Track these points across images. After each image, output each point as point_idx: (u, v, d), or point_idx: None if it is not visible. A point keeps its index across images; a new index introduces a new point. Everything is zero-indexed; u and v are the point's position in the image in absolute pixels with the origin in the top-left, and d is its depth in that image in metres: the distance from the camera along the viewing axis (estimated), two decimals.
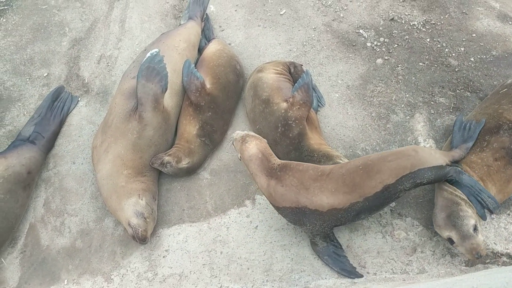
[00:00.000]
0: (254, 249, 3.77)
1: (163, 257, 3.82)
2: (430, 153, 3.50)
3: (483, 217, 3.43)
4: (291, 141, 3.90)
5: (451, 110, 4.34)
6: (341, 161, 3.68)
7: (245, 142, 3.56)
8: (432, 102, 4.41)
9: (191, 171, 4.14)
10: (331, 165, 3.51)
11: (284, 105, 3.99)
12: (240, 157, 3.57)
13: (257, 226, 3.88)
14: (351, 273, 3.54)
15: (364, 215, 3.48)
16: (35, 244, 3.97)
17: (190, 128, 4.15)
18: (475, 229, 3.29)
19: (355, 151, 4.19)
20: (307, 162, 3.77)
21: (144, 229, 3.68)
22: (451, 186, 3.51)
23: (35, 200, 4.19)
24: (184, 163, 4.01)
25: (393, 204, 3.86)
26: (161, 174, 4.18)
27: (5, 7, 5.45)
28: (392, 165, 3.35)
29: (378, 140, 4.24)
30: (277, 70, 4.36)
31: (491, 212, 3.49)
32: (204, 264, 3.75)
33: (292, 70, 4.46)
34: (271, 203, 3.54)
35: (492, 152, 3.55)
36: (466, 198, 3.43)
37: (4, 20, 5.34)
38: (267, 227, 3.86)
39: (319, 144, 3.91)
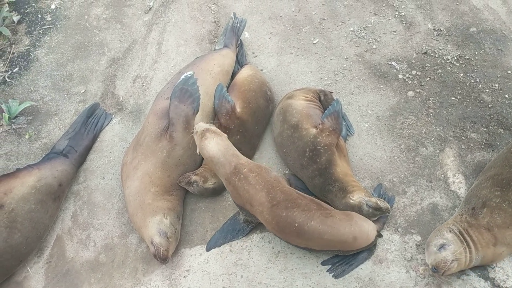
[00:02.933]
0: (275, 275, 3.74)
1: (184, 277, 3.82)
2: (367, 239, 3.64)
3: None
4: (318, 167, 3.89)
5: (482, 146, 4.26)
6: (351, 200, 3.74)
7: (205, 138, 3.54)
8: (463, 137, 4.35)
9: (216, 192, 4.17)
10: (286, 196, 3.54)
11: (314, 130, 4.00)
12: (199, 152, 3.66)
13: (279, 252, 3.86)
14: (210, 241, 3.94)
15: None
16: (61, 256, 4.05)
17: None
18: (442, 247, 3.44)
19: (382, 182, 4.15)
20: (328, 191, 3.86)
21: (165, 249, 3.70)
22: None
23: (63, 212, 4.28)
24: (210, 183, 4.05)
25: (418, 238, 3.79)
26: (187, 194, 4.23)
27: (50, 26, 5.71)
28: (324, 242, 3.53)
29: (406, 173, 4.19)
30: (307, 97, 4.39)
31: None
32: (223, 287, 3.74)
33: (322, 98, 4.49)
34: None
35: None
36: (452, 227, 3.57)
37: (48, 38, 5.59)
38: (289, 254, 3.83)
39: (344, 174, 3.89)
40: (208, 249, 3.92)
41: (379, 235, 3.77)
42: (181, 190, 4.10)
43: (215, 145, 3.54)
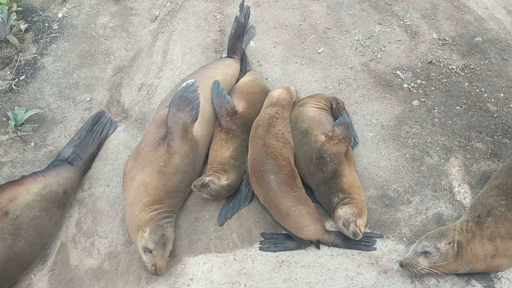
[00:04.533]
0: (279, 284, 3.72)
1: (187, 285, 3.81)
2: (298, 228, 3.74)
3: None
4: (323, 175, 3.89)
5: (488, 156, 4.25)
6: (338, 212, 3.75)
7: (284, 88, 4.51)
8: (468, 147, 4.33)
9: (231, 189, 4.15)
10: (282, 158, 3.86)
11: (322, 138, 4.00)
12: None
13: (283, 261, 3.84)
14: (219, 216, 4.11)
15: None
16: (64, 263, 4.05)
17: (222, 152, 4.18)
18: (425, 253, 3.44)
19: (387, 192, 4.13)
20: (329, 200, 3.86)
21: (152, 264, 3.69)
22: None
23: (68, 220, 4.29)
24: (224, 180, 4.02)
25: None
26: (191, 202, 4.23)
27: (57, 35, 5.76)
28: (267, 197, 3.76)
29: (411, 182, 4.18)
30: (319, 105, 4.39)
31: None
32: None
33: (334, 106, 4.47)
34: None
35: None
36: (455, 230, 3.57)
37: (55, 46, 5.63)
38: (293, 263, 3.82)
39: (350, 185, 3.86)
40: (220, 224, 4.08)
41: (316, 243, 3.80)
42: (174, 198, 4.04)
43: (280, 92, 4.48)
